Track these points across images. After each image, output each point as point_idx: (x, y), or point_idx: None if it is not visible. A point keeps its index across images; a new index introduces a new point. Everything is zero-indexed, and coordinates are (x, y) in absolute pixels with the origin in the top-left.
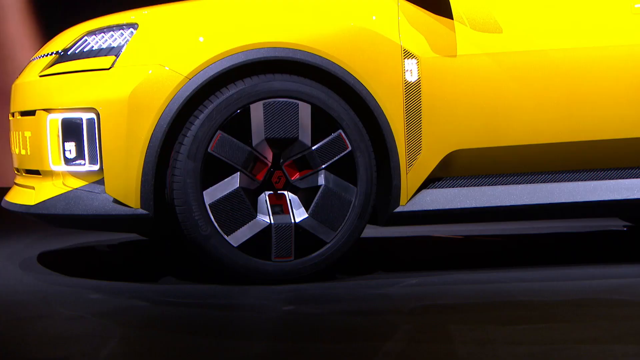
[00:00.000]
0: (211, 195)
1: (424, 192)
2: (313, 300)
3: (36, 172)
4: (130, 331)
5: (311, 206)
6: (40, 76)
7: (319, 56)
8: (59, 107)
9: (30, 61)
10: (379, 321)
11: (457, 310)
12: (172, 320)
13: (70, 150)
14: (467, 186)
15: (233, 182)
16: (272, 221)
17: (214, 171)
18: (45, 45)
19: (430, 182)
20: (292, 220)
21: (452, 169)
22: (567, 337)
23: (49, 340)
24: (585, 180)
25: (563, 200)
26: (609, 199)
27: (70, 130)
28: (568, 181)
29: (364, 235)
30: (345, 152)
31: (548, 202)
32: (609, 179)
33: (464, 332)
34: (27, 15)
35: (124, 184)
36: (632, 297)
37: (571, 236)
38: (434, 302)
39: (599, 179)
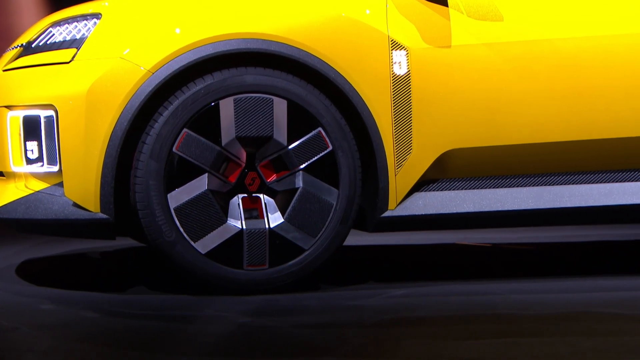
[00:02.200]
0: (176, 198)
1: (416, 195)
2: (277, 312)
3: (0, 174)
4: (59, 344)
5: (287, 210)
6: (4, 70)
7: (296, 48)
8: (20, 104)
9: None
10: (333, 334)
11: (425, 323)
12: (115, 332)
13: (32, 150)
14: (465, 189)
15: (200, 184)
16: (244, 226)
17: (180, 172)
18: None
19: (424, 184)
20: (266, 226)
21: (448, 170)
22: (525, 352)
23: None
24: (599, 183)
25: (574, 205)
26: (627, 203)
27: (32, 128)
28: (580, 183)
29: (373, 242)
30: (326, 151)
31: (557, 206)
32: (627, 181)
33: (416, 347)
34: (42, 8)
35: (83, 186)
36: (625, 311)
37: (610, 245)
38: (406, 315)
39: (615, 181)
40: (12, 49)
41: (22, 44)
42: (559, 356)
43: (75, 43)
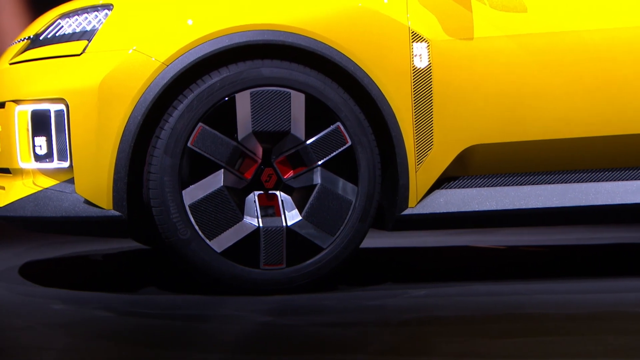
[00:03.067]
0: (191, 194)
1: (437, 192)
2: (297, 311)
3: (7, 171)
4: (77, 342)
5: (305, 208)
6: (11, 64)
7: (314, 40)
8: (28, 98)
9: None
10: (359, 333)
11: (451, 322)
12: (130, 331)
13: (40, 146)
14: (487, 186)
15: (216, 180)
16: (261, 224)
17: (195, 168)
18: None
19: (445, 181)
20: (284, 224)
21: (470, 167)
22: (557, 351)
23: None
24: (626, 180)
25: (600, 202)
26: None
27: (40, 123)
28: (606, 181)
29: (390, 245)
30: (345, 147)
31: (582, 204)
32: None
33: (445, 345)
34: (20, 9)
35: (95, 182)
36: None
37: (629, 247)
38: (431, 314)
39: None
40: (18, 42)
41: (29, 37)
42: (590, 354)
43: (86, 35)
